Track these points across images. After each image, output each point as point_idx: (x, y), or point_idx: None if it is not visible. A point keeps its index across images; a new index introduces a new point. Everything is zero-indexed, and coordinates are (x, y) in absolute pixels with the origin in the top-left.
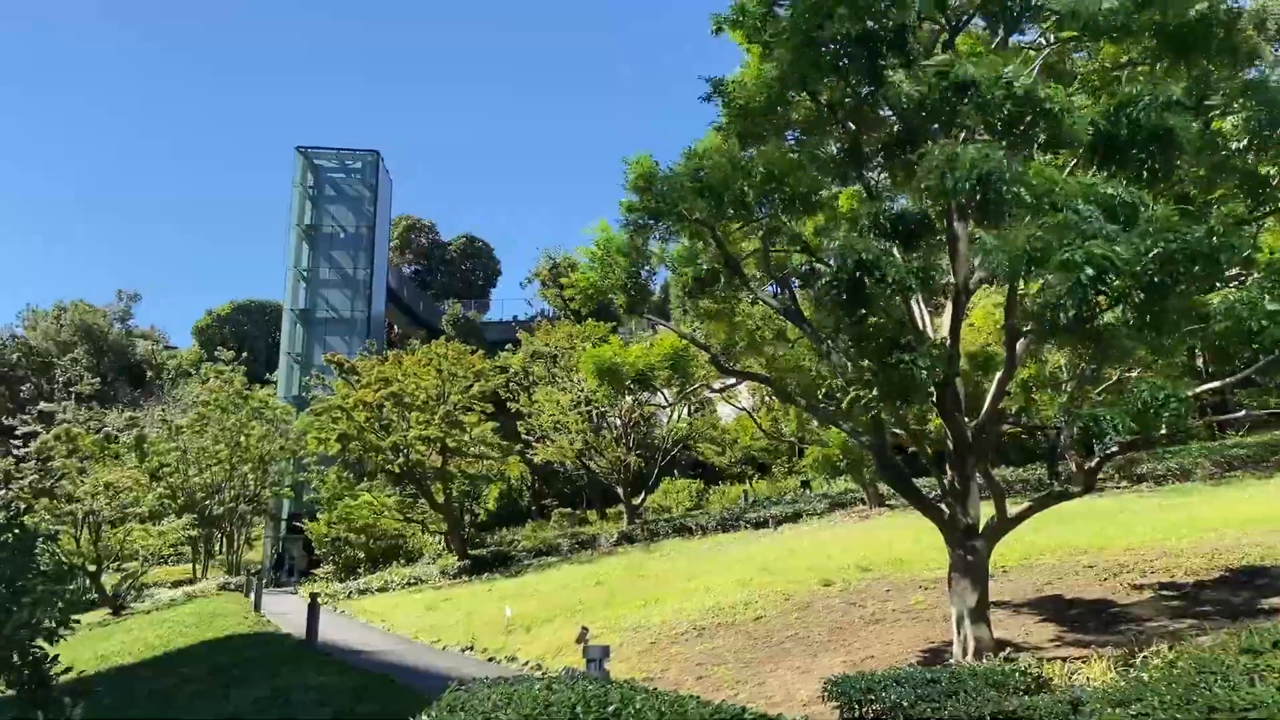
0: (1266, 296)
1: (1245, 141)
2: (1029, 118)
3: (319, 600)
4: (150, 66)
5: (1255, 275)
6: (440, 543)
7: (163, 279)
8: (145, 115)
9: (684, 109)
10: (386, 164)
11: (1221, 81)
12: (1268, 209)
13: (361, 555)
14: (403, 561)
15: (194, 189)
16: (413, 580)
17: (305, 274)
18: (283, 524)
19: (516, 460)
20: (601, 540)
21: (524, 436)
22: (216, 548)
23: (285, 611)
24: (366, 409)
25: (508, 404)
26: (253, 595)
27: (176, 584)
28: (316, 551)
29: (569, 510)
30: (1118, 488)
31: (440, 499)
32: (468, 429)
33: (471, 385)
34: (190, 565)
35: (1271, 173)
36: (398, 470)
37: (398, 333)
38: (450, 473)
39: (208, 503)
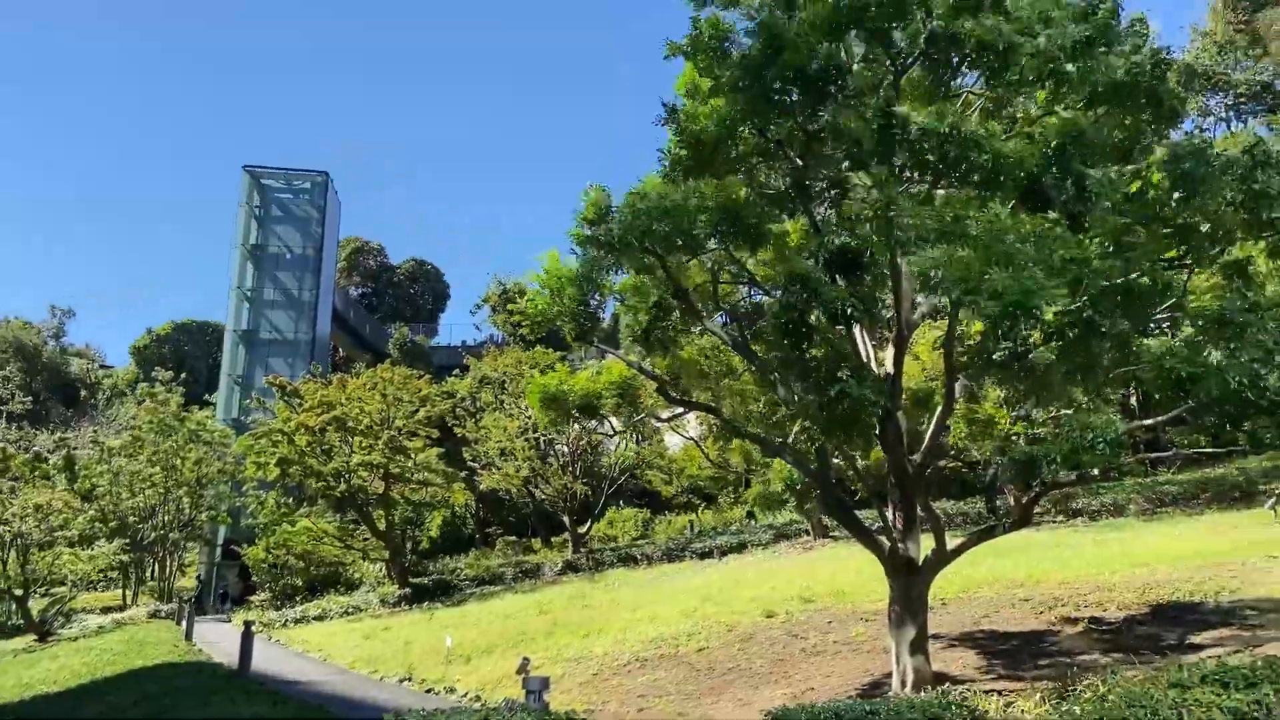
0: (1208, 348)
1: (1174, 193)
2: (961, 157)
3: (253, 628)
4: (94, 73)
5: (1184, 321)
6: (381, 570)
7: (103, 295)
8: (91, 124)
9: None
10: (335, 185)
11: (1150, 133)
12: (1195, 257)
13: (299, 582)
14: (342, 589)
15: (135, 205)
16: (351, 609)
17: (249, 294)
18: (218, 550)
19: (461, 487)
20: (546, 569)
21: (470, 463)
22: (148, 573)
23: (218, 640)
24: (308, 433)
25: (454, 430)
26: (184, 623)
27: (106, 610)
28: (253, 578)
29: (514, 538)
30: (1054, 522)
31: (382, 526)
32: (412, 455)
33: (417, 410)
34: (121, 591)
35: (1199, 221)
36: (339, 496)
37: (342, 356)
38: (393, 499)
39: (141, 527)
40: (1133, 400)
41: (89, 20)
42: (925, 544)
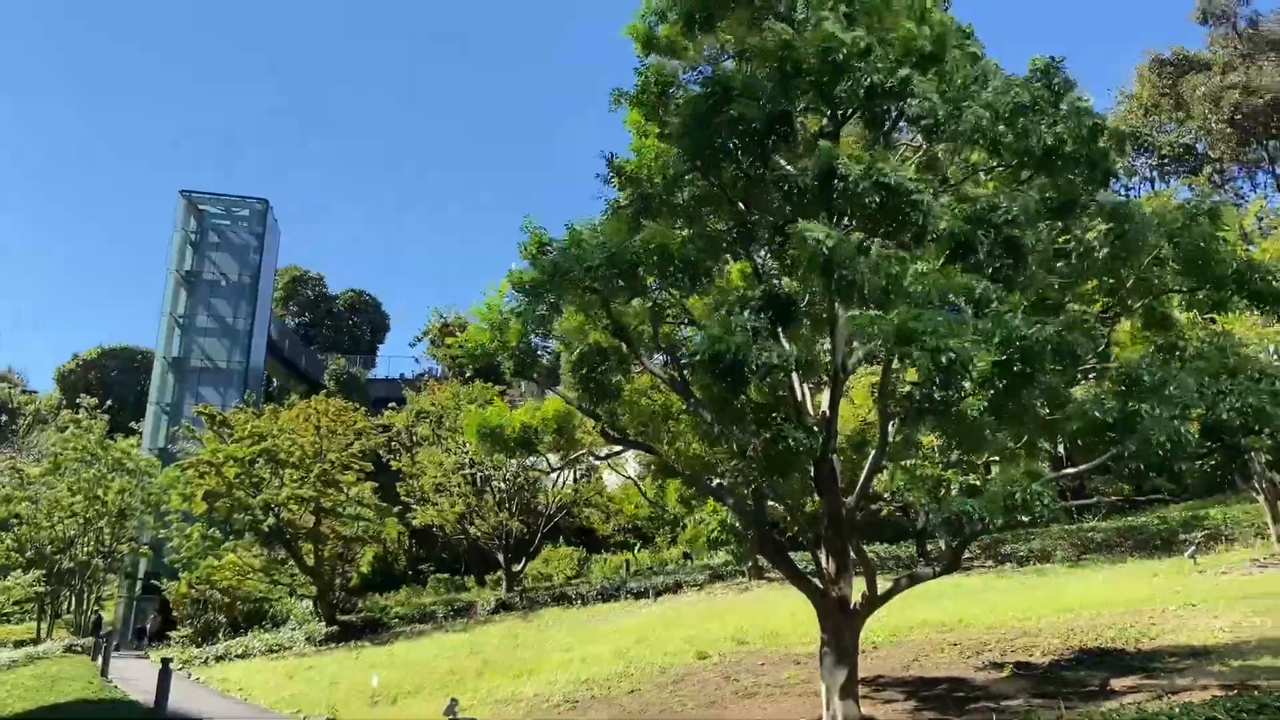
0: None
1: (1103, 250)
2: (897, 210)
3: (173, 665)
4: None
5: (1109, 374)
6: (308, 607)
7: (27, 319)
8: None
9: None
10: (276, 213)
11: (1080, 192)
12: (1119, 310)
13: (223, 619)
14: (267, 626)
15: (65, 226)
16: (276, 646)
17: (181, 321)
18: (139, 583)
19: (395, 522)
20: (478, 608)
21: (404, 498)
22: (65, 606)
23: (136, 677)
24: (237, 465)
25: (390, 464)
26: (101, 658)
27: (19, 644)
28: (175, 613)
29: (446, 576)
30: (984, 567)
31: (311, 561)
32: (344, 488)
33: (351, 443)
34: (35, 624)
35: (1128, 274)
36: (267, 530)
37: (277, 386)
38: (323, 534)
39: (58, 557)
40: (1060, 448)
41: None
42: (858, 587)
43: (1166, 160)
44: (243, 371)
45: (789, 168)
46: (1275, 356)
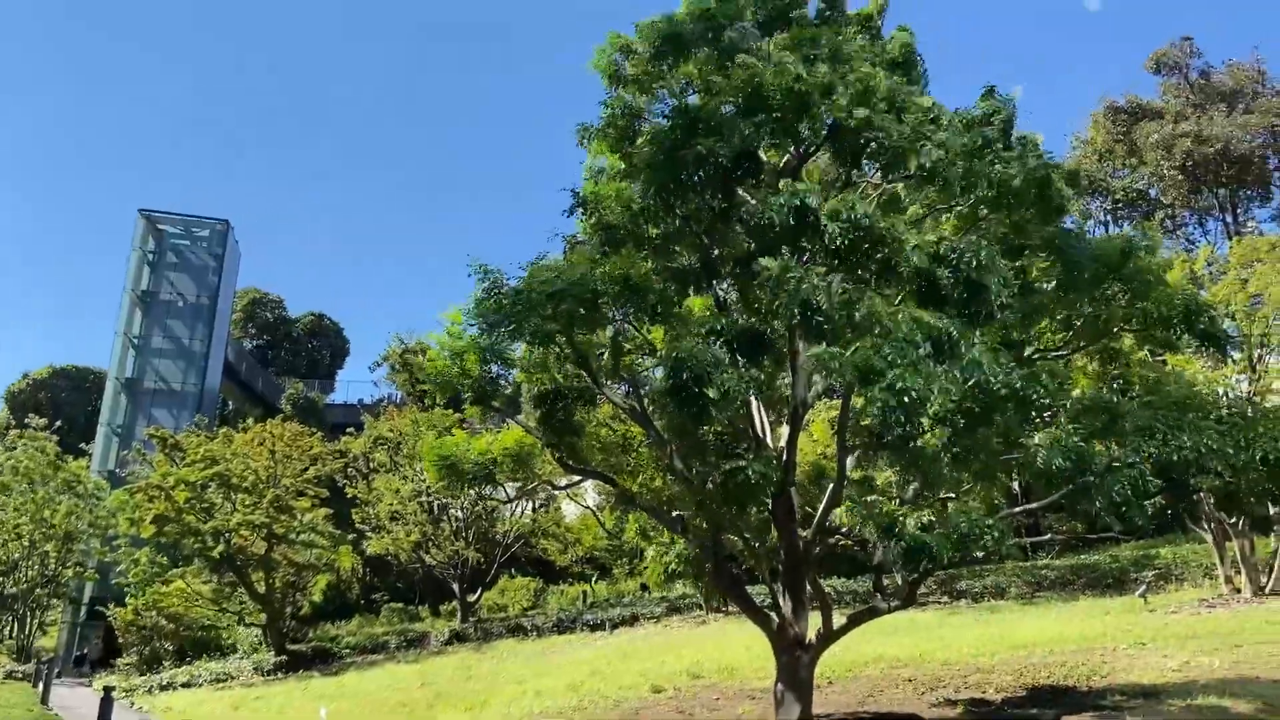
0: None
1: (1054, 284)
2: (864, 247)
3: (115, 694)
4: None
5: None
6: (257, 636)
7: None
8: None
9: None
10: (237, 234)
11: (1034, 231)
12: (1074, 347)
13: (169, 646)
14: (214, 655)
15: (14, 242)
16: (223, 675)
17: (136, 341)
18: (83, 609)
19: (349, 550)
20: (432, 638)
21: (359, 525)
22: (6, 631)
23: (77, 705)
24: (188, 489)
25: (345, 490)
26: (42, 685)
27: None
28: (120, 640)
29: (400, 605)
30: (939, 603)
31: (261, 589)
32: (298, 515)
33: (306, 468)
34: None
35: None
36: (217, 557)
37: (232, 409)
38: (275, 561)
39: (1, 581)
40: (1015, 485)
41: None
42: (814, 622)
43: (1120, 205)
44: (198, 394)
45: (754, 202)
46: (1223, 399)
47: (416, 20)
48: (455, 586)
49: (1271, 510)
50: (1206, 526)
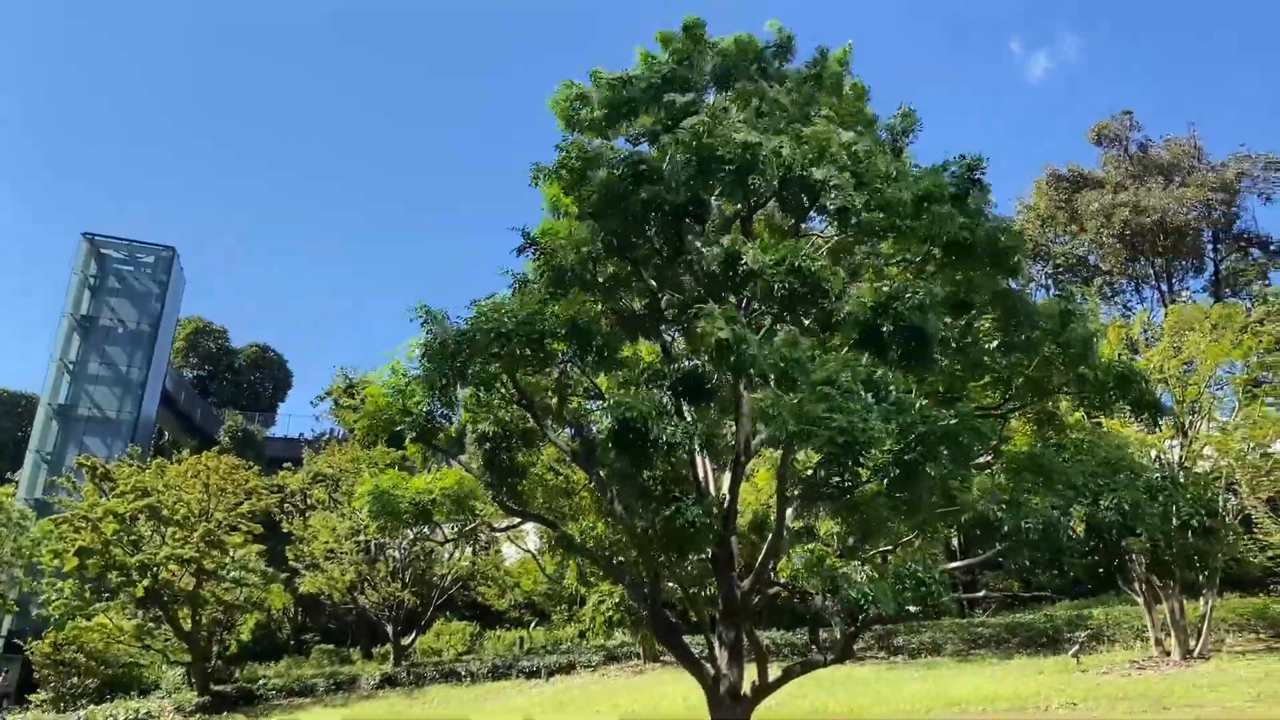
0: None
1: (996, 342)
2: (805, 295)
3: None
4: None
5: (999, 465)
6: (182, 675)
7: None
8: None
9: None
10: (182, 262)
11: (985, 286)
12: (1014, 405)
13: (89, 683)
14: (135, 694)
15: None
16: (143, 715)
17: (71, 366)
18: (0, 641)
19: (281, 588)
20: (362, 682)
21: (293, 563)
22: None
23: None
24: (116, 521)
25: (281, 526)
26: None
27: None
28: (36, 675)
29: (331, 647)
30: (877, 657)
31: (188, 626)
32: (230, 550)
33: (241, 503)
34: None
35: (1020, 368)
36: (141, 593)
37: (168, 439)
38: (203, 598)
39: None
40: (954, 541)
41: None
42: (750, 673)
43: (1061, 269)
44: (133, 422)
45: (703, 249)
46: (1155, 463)
47: (367, 50)
48: (389, 629)
49: (1200, 575)
50: (1138, 588)
